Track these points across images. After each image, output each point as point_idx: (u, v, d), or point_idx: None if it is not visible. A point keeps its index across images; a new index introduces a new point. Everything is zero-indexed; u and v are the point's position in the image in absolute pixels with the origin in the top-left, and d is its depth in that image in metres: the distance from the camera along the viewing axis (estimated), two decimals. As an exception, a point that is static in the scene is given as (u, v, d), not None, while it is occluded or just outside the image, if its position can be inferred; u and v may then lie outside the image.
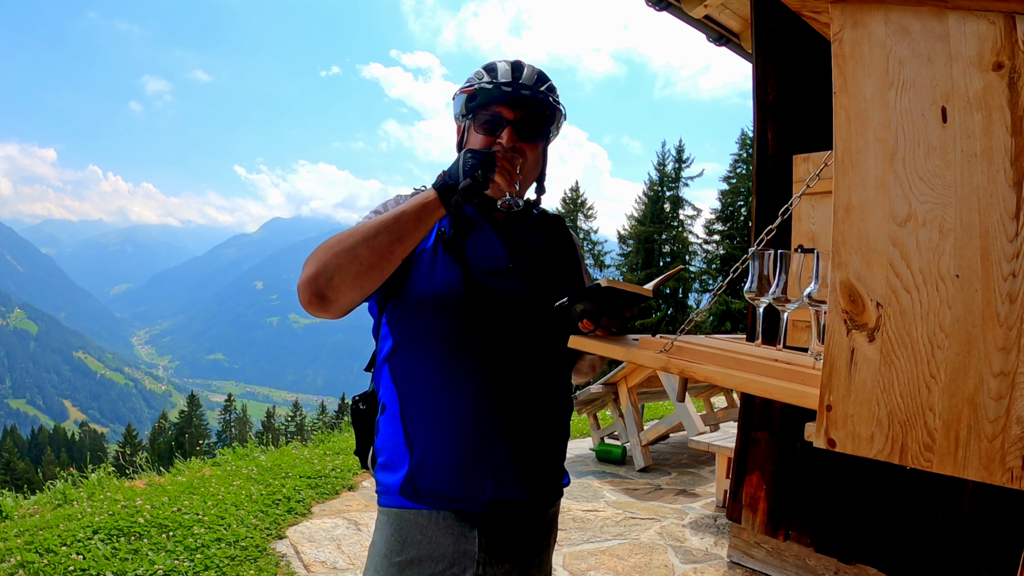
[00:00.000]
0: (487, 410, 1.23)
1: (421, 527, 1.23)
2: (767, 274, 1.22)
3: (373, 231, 1.16)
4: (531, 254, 1.36)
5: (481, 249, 1.32)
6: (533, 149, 1.33)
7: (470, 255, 1.29)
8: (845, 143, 0.75)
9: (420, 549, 1.22)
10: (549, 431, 1.33)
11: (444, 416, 1.22)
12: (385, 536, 1.26)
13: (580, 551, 3.42)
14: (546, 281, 1.34)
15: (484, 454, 1.22)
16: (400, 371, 1.27)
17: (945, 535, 2.50)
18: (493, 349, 1.23)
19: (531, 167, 1.35)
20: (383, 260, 1.16)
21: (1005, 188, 0.66)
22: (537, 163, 1.37)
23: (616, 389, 5.43)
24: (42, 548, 2.88)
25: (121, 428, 58.24)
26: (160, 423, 44.03)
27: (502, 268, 1.31)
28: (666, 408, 7.86)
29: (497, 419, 1.23)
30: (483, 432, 1.22)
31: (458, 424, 1.22)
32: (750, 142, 20.41)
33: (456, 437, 1.22)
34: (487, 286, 1.27)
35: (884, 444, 0.74)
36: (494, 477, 1.22)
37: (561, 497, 1.43)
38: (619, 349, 1.29)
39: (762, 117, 3.22)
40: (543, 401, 1.31)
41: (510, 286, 1.29)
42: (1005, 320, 0.67)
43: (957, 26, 0.68)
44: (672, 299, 26.18)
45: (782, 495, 3.06)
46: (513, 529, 1.27)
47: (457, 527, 1.22)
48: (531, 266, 1.34)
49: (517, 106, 1.30)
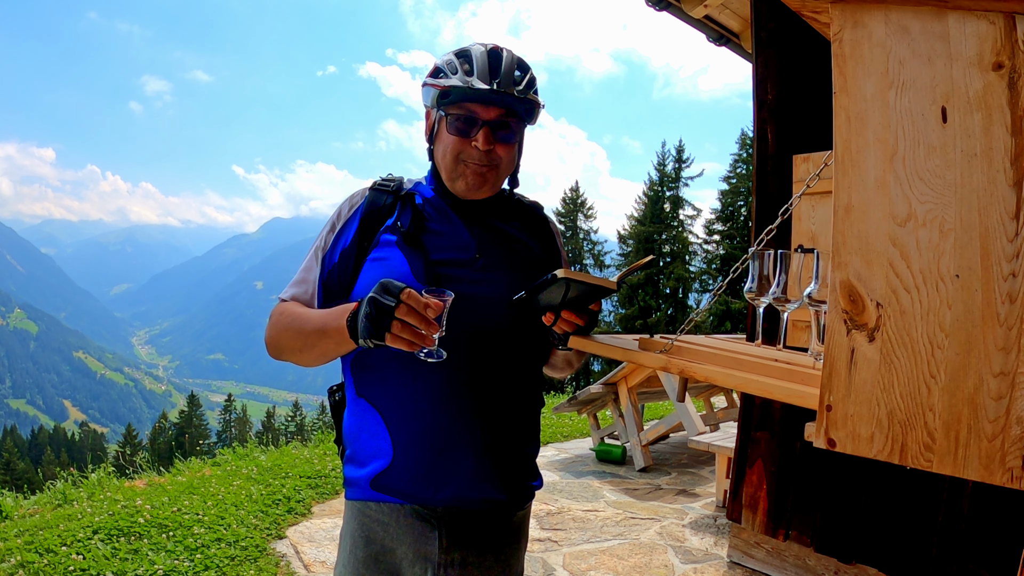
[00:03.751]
0: (448, 409, 1.19)
1: (383, 523, 1.21)
2: (767, 274, 1.22)
3: (304, 336, 1.19)
4: (502, 243, 1.30)
5: (445, 239, 1.26)
6: (509, 150, 1.26)
7: (432, 246, 1.24)
8: (845, 143, 0.75)
9: (383, 545, 1.21)
10: (515, 432, 1.27)
11: (404, 415, 1.19)
12: (351, 530, 1.25)
13: (580, 551, 3.42)
14: (518, 272, 1.28)
15: (445, 454, 1.19)
16: (360, 368, 1.24)
17: (945, 535, 2.50)
18: (454, 345, 1.14)
19: (507, 167, 1.29)
20: (322, 358, 1.21)
21: (1005, 188, 0.66)
22: (512, 161, 1.30)
23: (616, 389, 5.43)
24: (42, 548, 2.88)
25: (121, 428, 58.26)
26: (160, 423, 44.02)
27: (468, 259, 1.25)
28: (666, 408, 7.86)
29: (459, 419, 1.19)
30: (443, 432, 1.19)
31: (418, 423, 1.19)
32: (750, 142, 20.42)
33: (416, 436, 1.19)
34: (450, 278, 1.21)
35: (884, 444, 0.74)
36: (455, 478, 1.19)
37: (531, 500, 1.35)
38: (619, 349, 1.29)
39: (762, 117, 3.22)
40: (509, 399, 1.26)
41: (476, 277, 1.23)
42: (1005, 320, 0.67)
43: (957, 26, 0.68)
44: (672, 299, 26.19)
45: (782, 495, 3.06)
46: (476, 531, 1.23)
47: (418, 525, 1.20)
48: (501, 256, 1.28)
49: (494, 104, 1.21)
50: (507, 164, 1.28)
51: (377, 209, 1.28)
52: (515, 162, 1.31)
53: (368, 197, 1.30)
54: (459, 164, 1.24)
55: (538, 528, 3.73)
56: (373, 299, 1.03)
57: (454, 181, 1.25)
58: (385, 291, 1.03)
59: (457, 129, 1.22)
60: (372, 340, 1.03)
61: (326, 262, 1.26)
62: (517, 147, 1.29)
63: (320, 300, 1.26)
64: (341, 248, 1.26)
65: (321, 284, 1.26)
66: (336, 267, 1.25)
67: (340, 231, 1.28)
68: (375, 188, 1.31)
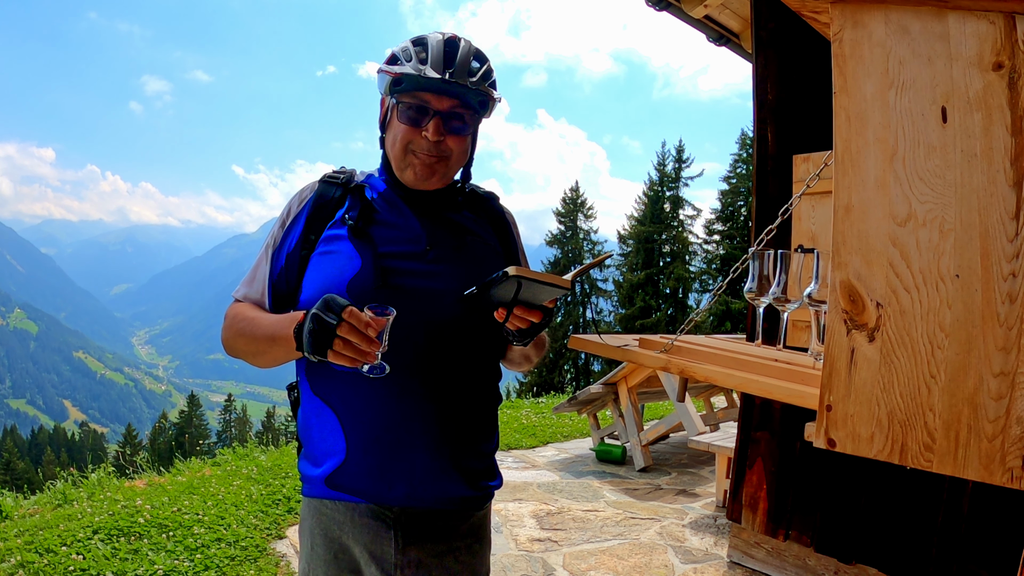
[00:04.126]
0: (400, 406, 1.16)
1: (339, 522, 1.19)
2: (767, 274, 1.22)
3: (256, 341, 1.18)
4: (454, 235, 1.26)
5: (395, 231, 1.22)
6: (461, 142, 1.23)
7: (380, 238, 1.20)
8: (845, 143, 0.75)
9: (340, 544, 1.20)
10: (470, 429, 1.24)
11: (356, 412, 1.17)
12: (309, 527, 1.24)
13: (580, 551, 3.43)
14: (470, 264, 1.24)
15: (397, 452, 1.17)
16: (313, 366, 1.22)
17: (945, 535, 2.50)
18: (404, 341, 1.12)
19: (458, 159, 1.25)
20: (274, 362, 1.19)
21: (1005, 188, 0.66)
22: (464, 153, 1.26)
23: (616, 389, 5.43)
24: (42, 548, 2.88)
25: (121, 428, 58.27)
26: (160, 423, 44.01)
27: (418, 251, 1.21)
28: (666, 408, 7.86)
29: (410, 415, 1.17)
30: (395, 429, 1.17)
31: (370, 421, 1.17)
32: (750, 142, 20.43)
33: (368, 434, 1.17)
34: (399, 271, 1.18)
35: (884, 444, 0.74)
36: (408, 476, 1.17)
37: (490, 500, 1.32)
38: (619, 349, 1.29)
39: (762, 117, 3.22)
40: (463, 395, 1.22)
41: (427, 270, 1.20)
42: (1005, 320, 0.67)
43: (957, 26, 0.68)
44: (672, 299, 26.19)
45: (782, 495, 3.06)
46: (433, 531, 1.20)
47: (374, 525, 1.18)
48: (453, 248, 1.24)
49: (447, 95, 1.17)
50: (458, 156, 1.24)
51: (326, 202, 1.25)
52: (468, 154, 1.28)
53: (317, 190, 1.27)
54: (408, 154, 1.21)
55: (538, 528, 3.73)
56: (316, 316, 1.01)
57: (403, 171, 1.23)
58: (327, 308, 1.01)
59: (408, 118, 1.19)
60: (315, 356, 1.02)
61: (275, 261, 1.25)
62: (470, 139, 1.26)
63: (270, 301, 1.24)
64: (287, 249, 1.24)
65: (271, 285, 1.24)
66: (283, 270, 1.24)
67: (289, 226, 1.26)
68: (324, 181, 1.29)
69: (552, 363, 26.02)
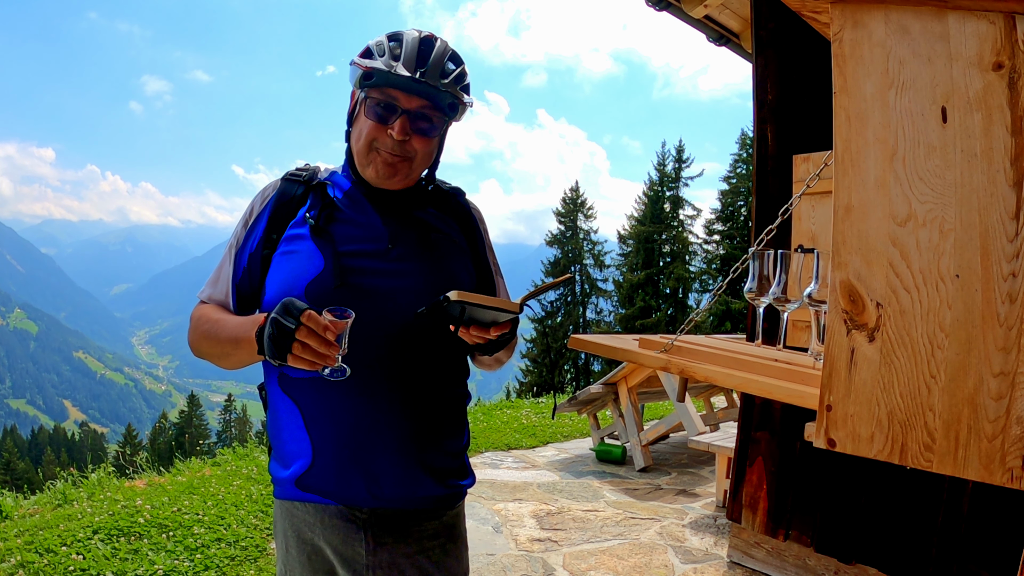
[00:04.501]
0: (364, 407, 1.15)
1: (310, 523, 1.18)
2: (767, 274, 1.22)
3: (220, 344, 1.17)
4: (417, 233, 1.24)
5: (357, 229, 1.20)
6: (426, 143, 1.20)
7: (341, 236, 1.18)
8: (845, 143, 0.75)
9: (313, 545, 1.19)
10: (435, 428, 1.22)
11: (321, 414, 1.16)
12: (282, 529, 1.23)
13: (580, 551, 3.42)
14: (434, 262, 1.22)
15: (361, 453, 1.15)
16: (272, 368, 1.21)
17: (945, 535, 2.50)
18: (367, 341, 1.11)
19: (422, 161, 1.22)
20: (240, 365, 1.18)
21: (1005, 188, 0.66)
22: (429, 156, 1.24)
23: (616, 389, 5.43)
24: (42, 548, 2.88)
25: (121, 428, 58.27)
26: (160, 423, 44.00)
27: (380, 249, 1.19)
28: (666, 408, 7.86)
29: (374, 416, 1.15)
30: (359, 431, 1.15)
31: (334, 423, 1.15)
32: (750, 142, 20.43)
33: (333, 436, 1.15)
34: (360, 269, 1.16)
35: (884, 444, 0.74)
36: (374, 479, 1.15)
37: (461, 499, 1.30)
38: (619, 349, 1.29)
39: (762, 117, 3.22)
40: (427, 395, 1.20)
41: (389, 268, 1.18)
42: (1005, 320, 0.67)
43: (957, 26, 0.68)
44: (672, 299, 26.19)
45: (782, 495, 3.06)
46: (403, 532, 1.19)
47: (344, 526, 1.17)
48: (416, 246, 1.22)
49: (416, 94, 1.15)
50: (423, 158, 1.22)
51: (288, 200, 1.23)
52: (433, 156, 1.25)
53: (279, 189, 1.25)
54: (371, 151, 1.19)
55: (538, 528, 3.73)
56: (275, 320, 1.00)
57: (365, 168, 1.21)
58: (286, 312, 0.99)
59: (375, 114, 1.16)
60: (275, 360, 1.01)
61: (238, 262, 1.23)
62: (437, 142, 1.24)
63: (234, 302, 1.24)
64: (249, 250, 1.23)
65: (234, 287, 1.23)
66: (246, 271, 1.23)
67: (252, 226, 1.24)
68: (286, 179, 1.27)
69: (552, 363, 26.02)
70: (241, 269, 1.23)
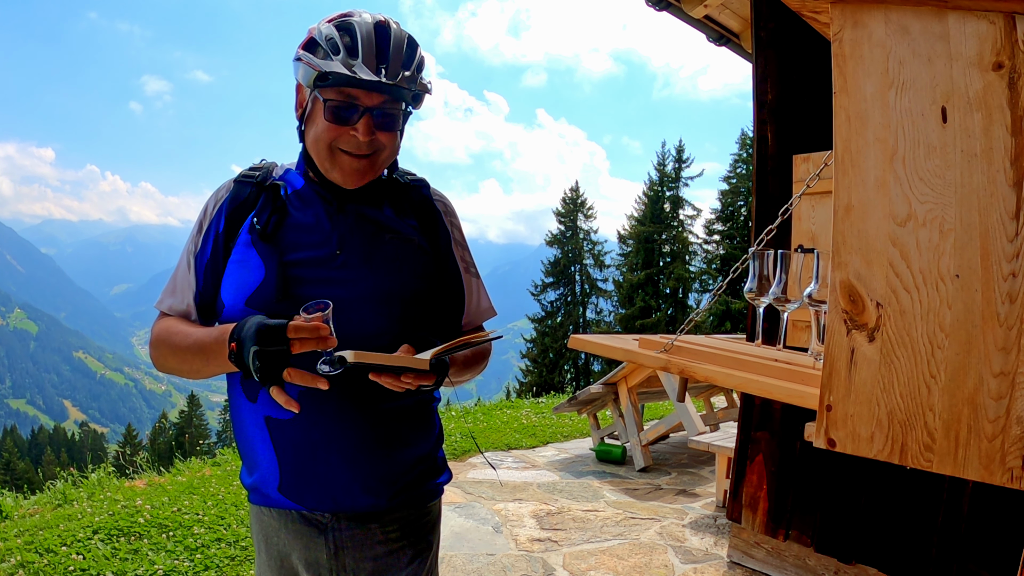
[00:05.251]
0: (319, 414, 1.11)
1: (275, 529, 1.17)
2: (767, 274, 1.22)
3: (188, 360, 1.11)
4: (368, 235, 1.16)
5: (305, 234, 1.14)
6: (392, 137, 1.14)
7: (289, 243, 1.12)
8: (845, 143, 0.75)
9: (280, 550, 1.18)
10: (393, 435, 1.17)
11: (281, 421, 1.12)
12: (255, 532, 1.22)
13: (580, 551, 3.42)
14: (386, 267, 1.14)
15: (320, 464, 1.12)
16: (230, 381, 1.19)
17: (945, 535, 2.50)
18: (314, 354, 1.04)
19: (389, 154, 1.16)
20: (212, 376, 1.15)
21: (1005, 188, 0.66)
22: (395, 148, 1.17)
23: (616, 389, 5.43)
24: (42, 548, 2.88)
25: (121, 428, 58.25)
26: (160, 423, 43.99)
27: (326, 255, 1.12)
28: (666, 408, 7.86)
29: (329, 424, 1.11)
30: (315, 438, 1.11)
31: (293, 430, 1.12)
32: (750, 142, 20.43)
33: (291, 443, 1.12)
34: (305, 279, 1.10)
35: (884, 444, 0.74)
36: (334, 488, 1.13)
37: (435, 498, 1.26)
38: (619, 349, 1.29)
39: (762, 117, 3.21)
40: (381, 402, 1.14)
41: (336, 277, 1.11)
42: (1005, 320, 0.67)
43: (957, 26, 0.68)
44: (672, 299, 26.20)
45: (782, 495, 3.06)
46: (364, 537, 1.16)
47: (307, 531, 1.15)
48: (365, 251, 1.14)
49: (379, 90, 1.07)
50: (390, 151, 1.16)
51: (241, 203, 1.17)
52: (396, 147, 1.18)
53: (232, 191, 1.18)
54: (334, 153, 1.11)
55: (538, 528, 3.73)
56: (259, 352, 0.94)
57: (329, 171, 1.13)
58: (266, 338, 0.94)
59: (335, 116, 1.08)
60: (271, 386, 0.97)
61: (197, 271, 1.18)
62: (399, 132, 1.17)
63: (196, 312, 1.19)
64: (205, 258, 1.17)
65: (197, 295, 1.18)
66: (203, 280, 1.17)
67: (206, 232, 1.18)
68: (239, 180, 1.19)
69: (552, 363, 26.03)
70: (200, 281, 1.17)
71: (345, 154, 1.11)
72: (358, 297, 1.11)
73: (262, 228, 1.12)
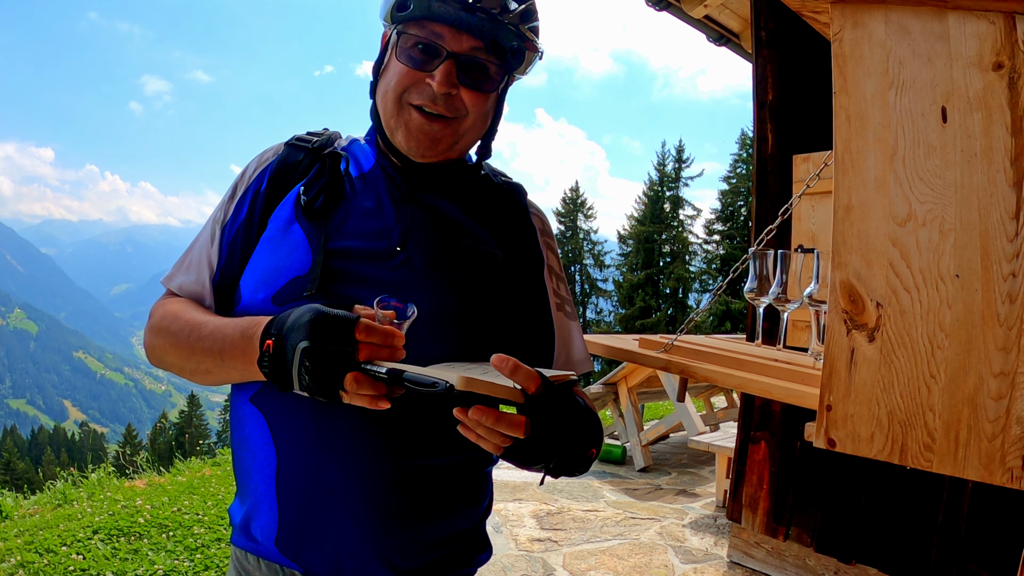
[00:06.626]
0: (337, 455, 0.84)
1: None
2: (767, 274, 1.22)
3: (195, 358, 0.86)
4: (441, 233, 0.91)
5: (360, 219, 0.90)
6: (482, 101, 0.89)
7: (337, 228, 0.88)
8: (845, 143, 0.75)
9: None
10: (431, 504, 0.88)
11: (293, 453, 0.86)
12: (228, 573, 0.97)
13: (580, 551, 3.42)
14: (456, 279, 0.89)
15: (323, 522, 0.85)
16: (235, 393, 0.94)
17: (945, 535, 2.50)
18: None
19: (473, 126, 0.91)
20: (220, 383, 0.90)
21: (1005, 188, 0.66)
22: (485, 119, 0.92)
23: (616, 389, 5.43)
24: (42, 548, 2.88)
25: (121, 428, 58.25)
26: (160, 423, 43.98)
27: (383, 249, 0.88)
28: (666, 408, 7.86)
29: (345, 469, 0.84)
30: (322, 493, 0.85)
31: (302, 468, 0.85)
32: (750, 142, 20.43)
33: (297, 490, 0.86)
34: (350, 276, 0.86)
35: (884, 444, 0.74)
36: (336, 547, 0.85)
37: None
38: (619, 349, 1.29)
39: (762, 117, 3.22)
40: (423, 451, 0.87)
41: (390, 279, 0.86)
42: (1005, 320, 0.67)
43: (957, 26, 0.68)
44: (672, 299, 26.20)
45: (782, 495, 3.06)
46: None
47: None
48: (434, 251, 0.89)
49: (469, 32, 0.83)
50: (476, 122, 0.90)
51: (289, 169, 0.95)
52: (488, 122, 0.94)
53: (281, 154, 0.96)
54: (403, 107, 0.88)
55: (538, 528, 3.73)
56: (312, 351, 0.70)
57: (394, 131, 0.89)
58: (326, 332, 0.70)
59: (409, 57, 0.85)
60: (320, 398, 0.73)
61: (223, 243, 0.94)
62: (495, 100, 0.93)
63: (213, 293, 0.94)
64: (235, 228, 0.94)
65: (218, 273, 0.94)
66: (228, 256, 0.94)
67: (241, 197, 0.95)
68: (291, 144, 0.97)
69: (552, 363, 25.97)
70: (224, 251, 0.94)
71: (415, 110, 0.87)
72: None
73: (308, 202, 0.89)
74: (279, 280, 0.86)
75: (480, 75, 0.87)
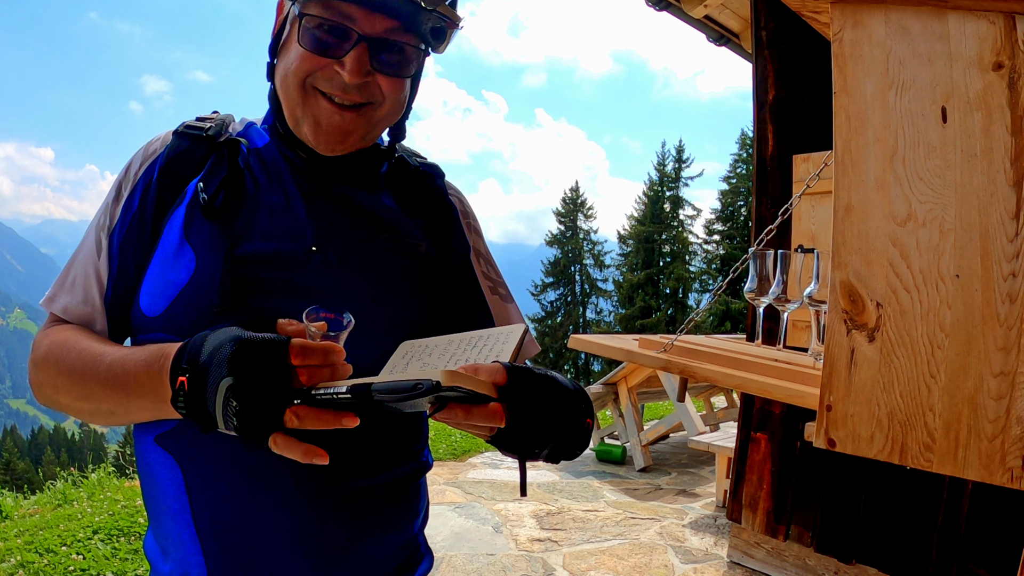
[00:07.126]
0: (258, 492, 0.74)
1: None
2: (767, 274, 1.23)
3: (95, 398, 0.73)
4: (359, 230, 0.82)
5: (268, 218, 0.79)
6: (399, 87, 0.79)
7: (244, 229, 0.77)
8: (845, 143, 0.75)
9: None
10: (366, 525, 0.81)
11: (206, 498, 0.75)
12: None
13: (580, 551, 3.43)
14: (377, 278, 0.81)
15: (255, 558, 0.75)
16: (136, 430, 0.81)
17: (945, 535, 2.50)
18: None
19: (390, 112, 0.81)
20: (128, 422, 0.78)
21: (1005, 188, 0.66)
22: (401, 104, 0.82)
23: (616, 389, 5.43)
24: (42, 548, 2.88)
25: (121, 428, 58.22)
26: (160, 423, 43.96)
27: (297, 253, 0.78)
28: (666, 408, 7.86)
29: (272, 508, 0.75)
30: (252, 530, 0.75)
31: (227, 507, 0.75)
32: (750, 142, 20.44)
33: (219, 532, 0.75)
34: (264, 284, 0.75)
35: (884, 444, 0.74)
36: None
37: None
38: (619, 349, 1.29)
39: (762, 117, 3.22)
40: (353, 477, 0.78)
41: (307, 284, 0.77)
42: (1005, 320, 0.67)
43: (957, 26, 0.68)
44: (672, 299, 26.21)
45: (782, 495, 3.06)
46: None
47: None
48: (353, 250, 0.81)
49: (383, 10, 0.73)
50: (392, 109, 0.81)
51: (182, 161, 0.81)
52: (404, 105, 0.83)
53: (171, 144, 0.83)
54: (308, 95, 0.76)
55: (538, 528, 3.73)
56: (238, 388, 0.57)
57: (299, 122, 0.78)
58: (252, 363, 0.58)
59: (314, 39, 0.73)
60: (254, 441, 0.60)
61: (113, 253, 0.80)
62: (411, 84, 0.83)
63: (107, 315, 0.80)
64: (122, 233, 0.80)
65: (109, 290, 0.80)
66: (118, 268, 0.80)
67: (127, 200, 0.81)
68: (179, 132, 0.84)
69: (552, 363, 26.03)
70: (116, 261, 0.80)
71: (324, 98, 0.76)
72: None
73: (209, 200, 0.76)
74: (182, 294, 0.74)
75: (396, 58, 0.77)
